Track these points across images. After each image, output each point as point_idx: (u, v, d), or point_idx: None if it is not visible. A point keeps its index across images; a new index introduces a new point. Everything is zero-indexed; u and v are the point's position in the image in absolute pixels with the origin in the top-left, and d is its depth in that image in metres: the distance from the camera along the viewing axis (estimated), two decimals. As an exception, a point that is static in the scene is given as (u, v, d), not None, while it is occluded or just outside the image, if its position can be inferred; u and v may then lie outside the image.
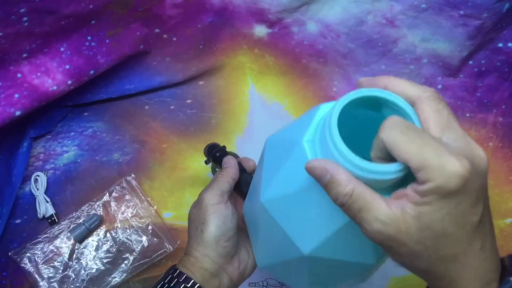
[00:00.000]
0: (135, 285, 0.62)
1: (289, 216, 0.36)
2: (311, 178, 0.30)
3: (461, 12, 0.57)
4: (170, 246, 0.62)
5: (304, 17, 0.62)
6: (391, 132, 0.27)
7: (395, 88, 0.30)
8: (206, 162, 0.59)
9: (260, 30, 0.64)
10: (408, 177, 0.28)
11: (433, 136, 0.27)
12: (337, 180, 0.28)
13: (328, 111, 0.30)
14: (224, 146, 0.58)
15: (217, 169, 0.59)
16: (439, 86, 0.64)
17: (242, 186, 0.51)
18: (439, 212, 0.26)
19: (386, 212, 0.27)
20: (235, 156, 0.56)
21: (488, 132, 0.64)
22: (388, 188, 0.29)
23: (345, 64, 0.65)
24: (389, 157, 0.28)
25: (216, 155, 0.55)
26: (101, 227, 0.63)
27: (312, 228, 0.34)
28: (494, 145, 0.63)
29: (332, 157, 0.29)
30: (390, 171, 0.27)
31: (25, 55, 0.55)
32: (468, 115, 0.64)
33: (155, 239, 0.62)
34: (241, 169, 0.52)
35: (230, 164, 0.51)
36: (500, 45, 0.61)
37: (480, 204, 0.27)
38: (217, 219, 0.45)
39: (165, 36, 0.63)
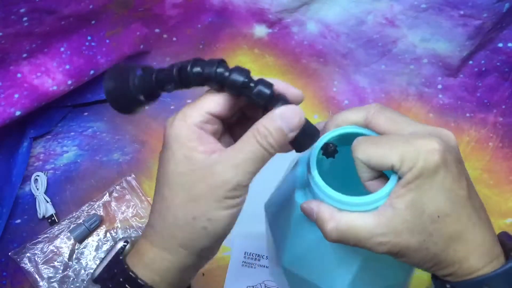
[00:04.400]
0: (135, 285, 0.62)
1: (313, 268, 0.36)
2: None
3: (461, 12, 0.57)
4: (170, 246, 0.62)
5: (304, 17, 0.62)
6: (361, 149, 0.28)
7: (345, 121, 0.31)
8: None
9: (260, 30, 0.64)
10: None
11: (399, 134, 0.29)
12: (322, 218, 0.29)
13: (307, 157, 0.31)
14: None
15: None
16: (439, 86, 0.64)
17: (299, 140, 0.28)
18: (428, 192, 0.27)
19: (378, 225, 0.27)
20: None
21: (488, 132, 0.64)
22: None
23: (345, 64, 0.65)
24: (378, 174, 0.29)
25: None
26: (101, 227, 0.63)
27: (337, 271, 0.34)
28: (494, 145, 0.63)
29: (318, 197, 0.30)
30: (367, 201, 0.28)
31: (25, 55, 0.55)
32: (468, 115, 0.64)
33: (155, 239, 0.62)
34: (283, 100, 0.28)
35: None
36: (500, 45, 0.61)
37: (463, 178, 0.28)
38: (231, 218, 0.28)
39: (165, 36, 0.63)
